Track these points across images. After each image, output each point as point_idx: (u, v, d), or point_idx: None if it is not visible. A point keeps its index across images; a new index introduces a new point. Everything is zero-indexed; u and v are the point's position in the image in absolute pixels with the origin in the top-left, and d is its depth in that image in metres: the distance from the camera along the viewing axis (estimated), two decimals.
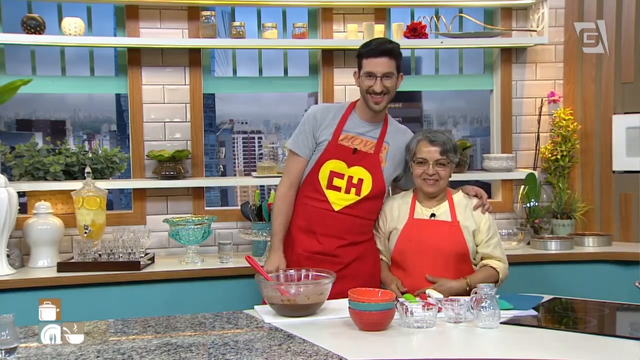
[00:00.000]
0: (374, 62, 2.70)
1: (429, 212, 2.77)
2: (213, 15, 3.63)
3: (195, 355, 1.89)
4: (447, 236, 2.71)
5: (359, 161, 2.78)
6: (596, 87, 3.90)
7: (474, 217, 2.76)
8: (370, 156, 2.79)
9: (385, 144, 2.83)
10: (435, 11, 3.96)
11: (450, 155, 2.72)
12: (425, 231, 2.73)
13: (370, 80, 2.72)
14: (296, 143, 2.84)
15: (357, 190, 2.77)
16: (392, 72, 2.72)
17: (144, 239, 3.41)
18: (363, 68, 2.74)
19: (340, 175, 2.77)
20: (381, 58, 2.70)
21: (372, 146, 2.81)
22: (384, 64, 2.70)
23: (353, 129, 2.81)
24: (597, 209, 3.92)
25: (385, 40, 2.84)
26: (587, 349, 1.98)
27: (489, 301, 2.16)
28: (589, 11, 3.90)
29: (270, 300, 2.31)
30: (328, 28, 3.83)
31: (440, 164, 2.71)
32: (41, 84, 3.65)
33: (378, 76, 2.70)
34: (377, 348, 1.97)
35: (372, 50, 2.72)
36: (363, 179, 2.77)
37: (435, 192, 2.76)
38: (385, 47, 2.72)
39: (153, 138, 3.72)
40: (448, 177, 2.76)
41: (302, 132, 2.83)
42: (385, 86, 2.71)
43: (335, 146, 2.78)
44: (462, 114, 8.99)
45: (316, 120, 2.82)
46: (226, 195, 7.47)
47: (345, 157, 2.77)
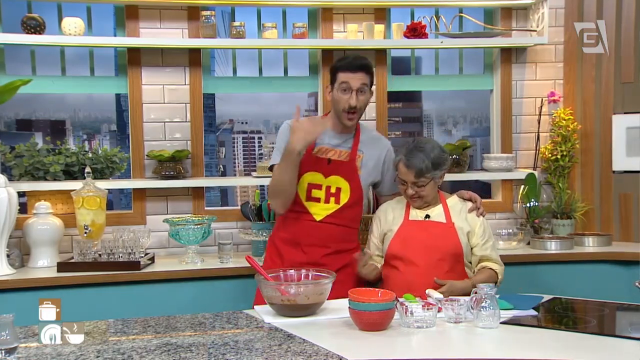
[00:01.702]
0: (351, 76, 2.74)
1: (424, 213, 2.80)
2: (213, 15, 3.63)
3: (195, 355, 1.89)
4: (442, 236, 2.73)
5: (335, 170, 2.81)
6: (596, 87, 3.90)
7: (468, 220, 2.78)
8: (346, 164, 2.83)
9: (359, 152, 2.87)
10: (435, 11, 3.96)
11: (427, 175, 2.72)
12: (421, 231, 2.75)
13: (346, 93, 2.75)
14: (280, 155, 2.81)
15: (336, 199, 2.81)
16: (367, 86, 2.78)
17: (144, 239, 3.41)
18: (338, 81, 2.76)
19: (318, 186, 2.81)
20: (358, 73, 2.75)
21: (347, 155, 2.84)
22: (359, 78, 2.75)
23: (326, 142, 2.84)
24: (597, 209, 3.92)
25: (361, 56, 2.88)
26: (587, 349, 1.98)
27: (489, 301, 2.16)
28: (589, 11, 3.90)
29: (270, 300, 2.31)
30: (328, 28, 3.83)
31: (419, 185, 2.74)
32: (41, 84, 3.65)
33: (354, 89, 2.74)
34: (377, 348, 1.97)
35: (349, 64, 2.76)
36: (341, 187, 2.81)
37: (420, 205, 2.80)
38: (362, 62, 2.78)
39: (153, 138, 3.72)
40: (432, 189, 2.77)
41: (282, 144, 2.82)
42: (359, 100, 2.75)
43: (310, 158, 2.79)
44: (462, 114, 9.00)
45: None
46: (226, 195, 7.47)
47: (321, 168, 2.81)
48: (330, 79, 2.83)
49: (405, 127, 14.46)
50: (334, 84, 2.79)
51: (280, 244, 2.86)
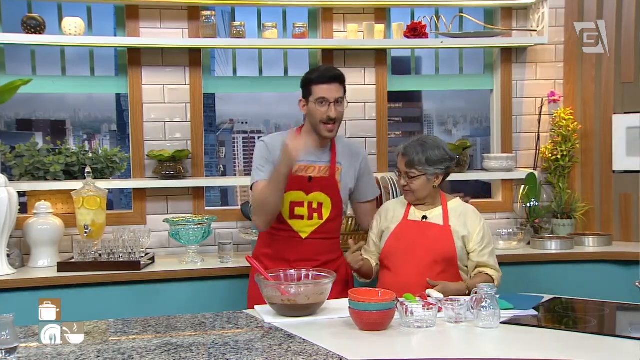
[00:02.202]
0: (326, 88, 2.74)
1: (422, 214, 2.80)
2: (213, 15, 3.63)
3: (196, 355, 1.89)
4: (437, 239, 2.73)
5: (316, 187, 2.81)
6: (596, 87, 3.90)
7: (467, 225, 2.77)
8: (326, 179, 2.84)
9: (338, 165, 2.87)
10: (436, 11, 3.96)
11: (418, 168, 2.73)
12: (416, 232, 2.76)
13: (323, 106, 2.74)
14: (261, 173, 2.79)
15: (319, 214, 2.83)
16: (342, 97, 2.78)
17: (144, 238, 3.41)
18: (314, 94, 2.75)
19: (300, 203, 2.81)
20: (333, 84, 2.75)
21: (327, 170, 2.85)
22: (335, 89, 2.75)
23: (304, 158, 2.80)
24: (597, 209, 3.92)
25: (331, 67, 2.89)
26: (587, 348, 1.98)
27: (489, 301, 2.16)
28: (589, 11, 3.90)
29: (271, 300, 2.31)
30: (328, 28, 3.83)
31: (410, 176, 2.75)
32: (41, 83, 3.65)
33: (331, 102, 2.74)
34: (377, 348, 1.97)
35: (323, 76, 2.75)
36: (322, 202, 2.83)
37: (412, 201, 2.81)
38: (334, 73, 2.78)
39: (153, 138, 3.72)
40: (424, 186, 2.76)
41: (262, 162, 2.81)
42: (337, 112, 2.75)
43: (291, 177, 2.74)
44: (462, 114, 9.01)
45: (268, 148, 2.83)
46: (226, 195, 7.48)
47: (302, 187, 2.81)
48: (303, 93, 2.81)
49: (405, 127, 14.45)
50: (309, 97, 2.77)
51: (267, 261, 2.84)
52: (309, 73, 2.83)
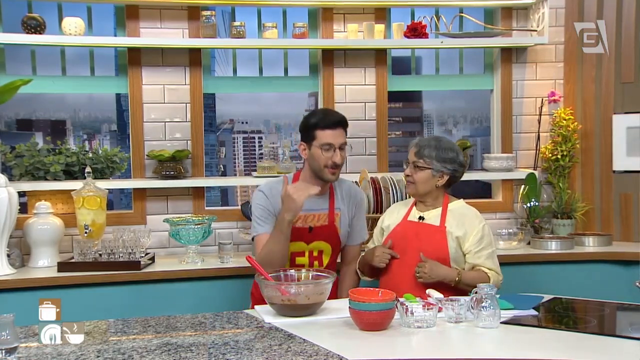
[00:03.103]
0: (331, 134, 2.72)
1: (419, 214, 2.81)
2: (213, 15, 3.63)
3: (196, 355, 1.89)
4: (430, 239, 2.73)
5: (317, 236, 2.80)
6: (596, 87, 3.90)
7: (464, 226, 2.75)
8: (327, 227, 2.82)
9: (336, 211, 2.86)
10: (436, 11, 3.96)
11: (426, 160, 2.74)
12: (411, 232, 2.77)
13: (328, 152, 2.71)
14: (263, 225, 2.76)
15: (319, 261, 2.83)
16: (346, 142, 2.77)
17: (144, 238, 3.41)
18: (318, 139, 2.72)
19: (301, 253, 2.81)
20: (337, 129, 2.73)
21: (326, 218, 2.83)
22: (340, 135, 2.74)
23: (304, 207, 2.72)
24: (597, 208, 3.92)
25: (334, 110, 2.87)
26: (587, 348, 1.98)
27: (489, 301, 2.16)
28: (589, 11, 3.90)
29: (271, 300, 2.31)
30: (328, 28, 3.83)
31: (415, 166, 2.76)
32: (41, 83, 3.65)
33: (337, 147, 2.72)
34: (377, 348, 1.97)
35: (328, 121, 2.73)
36: (323, 250, 2.83)
37: (413, 194, 2.83)
38: (339, 117, 2.76)
39: (153, 138, 3.72)
40: (424, 182, 2.76)
41: (262, 213, 2.78)
42: (342, 157, 2.75)
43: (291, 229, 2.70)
44: (462, 114, 9.01)
45: (268, 199, 2.79)
46: (226, 195, 7.47)
47: (303, 237, 2.78)
48: (304, 136, 2.77)
49: (405, 127, 14.42)
50: (311, 141, 2.74)
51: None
52: (311, 117, 2.78)
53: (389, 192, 3.52)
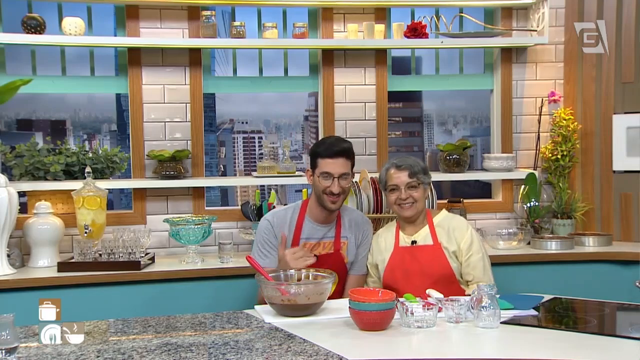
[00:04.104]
0: (331, 163, 2.72)
1: (410, 239, 2.81)
2: (213, 15, 3.63)
3: (196, 355, 1.89)
4: (430, 260, 2.74)
5: (323, 264, 2.76)
6: (596, 86, 3.90)
7: (455, 238, 2.78)
8: (333, 256, 2.83)
9: (343, 239, 2.86)
10: (436, 11, 3.96)
11: (420, 176, 2.77)
12: (409, 258, 2.77)
13: (327, 180, 2.72)
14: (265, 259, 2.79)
15: None
16: (348, 172, 2.75)
17: (144, 238, 3.41)
18: (319, 168, 2.74)
19: None
20: (338, 159, 2.72)
21: (332, 246, 2.84)
22: (341, 165, 2.73)
23: (310, 236, 2.82)
24: (597, 208, 3.92)
25: (340, 139, 2.84)
26: (587, 348, 1.98)
27: (489, 301, 2.16)
28: (589, 11, 3.90)
29: (271, 300, 2.31)
30: (328, 28, 3.83)
31: (412, 186, 2.76)
32: (41, 83, 3.65)
33: (335, 177, 2.72)
34: (377, 348, 1.97)
35: (328, 150, 2.73)
36: None
37: (414, 215, 2.80)
38: (341, 147, 2.74)
39: (153, 138, 3.72)
40: (424, 198, 2.81)
41: (264, 245, 2.82)
42: (341, 187, 2.73)
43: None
44: (462, 114, 9.01)
45: (273, 230, 2.82)
46: (226, 195, 7.47)
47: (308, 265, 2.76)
48: (311, 163, 2.80)
49: (405, 127, 14.42)
50: (314, 169, 2.77)
51: None
52: (317, 145, 2.81)
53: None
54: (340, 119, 3.85)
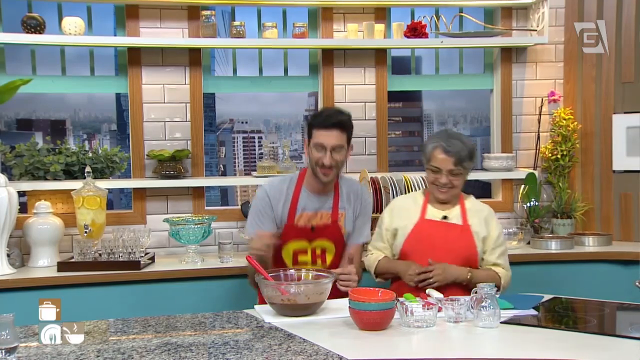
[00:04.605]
0: (324, 134, 2.66)
1: (441, 213, 2.75)
2: (213, 14, 3.63)
3: (196, 355, 1.89)
4: (458, 239, 2.70)
5: (320, 234, 2.77)
6: (596, 86, 3.90)
7: (486, 225, 2.75)
8: (330, 227, 2.79)
9: (341, 211, 2.82)
10: (436, 11, 3.96)
11: (465, 164, 2.69)
12: (437, 232, 2.71)
13: (320, 152, 2.67)
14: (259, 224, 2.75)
15: (322, 259, 2.80)
16: (342, 145, 2.68)
17: (144, 238, 3.41)
18: (313, 138, 2.69)
19: (303, 251, 2.78)
20: (332, 131, 2.66)
21: (329, 217, 2.79)
22: (334, 136, 2.66)
23: (307, 206, 2.77)
24: (597, 208, 3.92)
25: (336, 111, 2.76)
26: (587, 348, 1.98)
27: (489, 301, 2.16)
28: (589, 11, 3.90)
29: (271, 300, 2.31)
30: (328, 28, 3.83)
31: (454, 174, 2.69)
32: (41, 83, 3.65)
33: (328, 149, 2.66)
34: (377, 348, 1.97)
35: (323, 121, 2.67)
36: (326, 248, 2.80)
37: (447, 199, 2.75)
38: (337, 119, 2.68)
39: (153, 137, 3.72)
40: (462, 185, 2.75)
41: (258, 214, 2.77)
42: (334, 159, 2.67)
43: (293, 228, 2.75)
44: (462, 114, 9.02)
45: (269, 199, 2.77)
46: (226, 195, 7.48)
47: (305, 235, 2.77)
48: (307, 133, 2.76)
49: (405, 126, 14.40)
50: (309, 139, 2.72)
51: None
52: (314, 115, 2.77)
53: (388, 191, 3.52)
54: None
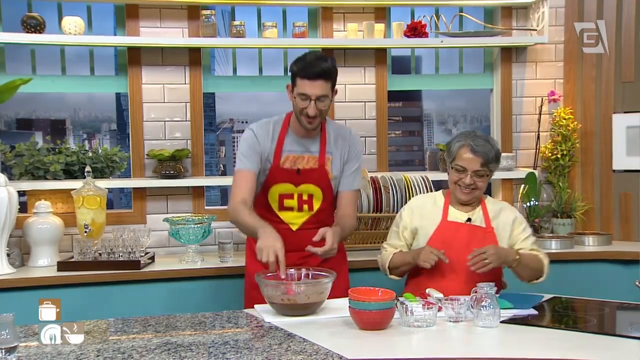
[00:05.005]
0: (308, 85, 2.58)
1: (465, 215, 2.68)
2: (213, 14, 3.63)
3: (196, 355, 1.89)
4: (482, 242, 2.61)
5: (305, 179, 2.71)
6: (596, 86, 3.90)
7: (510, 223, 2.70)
8: (317, 171, 2.73)
9: (327, 155, 2.75)
10: (436, 10, 3.96)
11: (491, 165, 2.63)
12: (461, 235, 2.64)
13: (304, 102, 2.60)
14: (246, 161, 2.70)
15: (309, 206, 2.74)
16: (326, 94, 2.61)
17: (144, 238, 3.41)
18: (297, 87, 2.62)
19: (289, 195, 2.73)
20: (316, 81, 2.57)
21: (315, 161, 2.73)
22: (318, 86, 2.58)
23: (292, 148, 2.72)
24: (597, 208, 3.92)
25: (320, 57, 2.63)
26: (587, 347, 1.97)
27: (489, 300, 2.16)
28: (589, 11, 3.90)
29: (271, 299, 2.31)
30: (328, 27, 3.83)
31: (479, 175, 2.62)
32: (41, 83, 3.65)
33: (312, 99, 2.58)
34: (377, 347, 1.97)
35: (307, 71, 2.58)
36: (313, 194, 2.73)
37: (469, 200, 2.68)
38: (320, 68, 2.57)
39: (153, 137, 3.72)
40: (485, 187, 2.68)
41: (248, 150, 2.72)
42: (318, 109, 2.60)
43: (279, 170, 2.70)
44: (462, 113, 9.02)
45: (256, 137, 2.73)
46: (226, 195, 7.48)
47: (291, 179, 2.71)
48: (291, 80, 2.67)
49: (405, 126, 14.40)
50: (293, 87, 2.64)
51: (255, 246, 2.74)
52: (296, 61, 2.65)
53: (388, 191, 3.52)
54: (340, 119, 3.85)
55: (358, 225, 3.35)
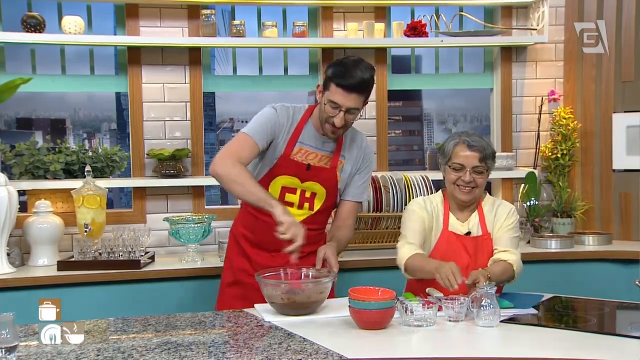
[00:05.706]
0: (342, 95, 2.46)
1: (464, 228, 2.63)
2: (213, 13, 3.63)
3: (196, 354, 1.89)
4: (482, 251, 2.59)
5: (313, 176, 2.62)
6: (596, 85, 3.90)
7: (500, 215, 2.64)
8: (327, 171, 2.64)
9: (341, 158, 2.67)
10: (436, 10, 3.96)
11: (488, 162, 2.58)
12: (461, 248, 2.59)
13: (333, 110, 2.49)
14: (255, 132, 2.56)
15: (310, 205, 2.65)
16: (358, 107, 2.51)
17: (144, 237, 3.41)
18: (329, 93, 2.49)
19: (292, 190, 2.63)
20: (352, 93, 2.46)
21: (328, 161, 2.64)
22: (352, 99, 2.47)
23: (307, 142, 2.62)
24: (597, 207, 3.92)
25: (360, 65, 2.49)
26: (587, 347, 1.98)
27: (488, 300, 2.16)
28: (589, 11, 3.90)
29: (270, 298, 2.31)
30: (328, 27, 3.83)
31: (478, 171, 2.56)
32: (41, 82, 3.65)
33: (342, 110, 2.48)
34: (377, 347, 1.97)
35: (344, 79, 2.45)
36: (316, 192, 2.65)
37: (470, 200, 2.62)
38: (359, 80, 2.45)
39: (153, 137, 3.72)
40: (484, 186, 2.63)
41: (262, 125, 2.58)
42: (346, 120, 2.51)
43: (288, 161, 2.60)
44: (462, 113, 9.02)
45: (278, 116, 2.60)
46: (226, 194, 7.47)
47: (298, 173, 2.61)
48: (324, 82, 2.55)
49: (405, 125, 14.38)
50: (325, 90, 2.52)
51: (246, 245, 2.73)
52: (334, 65, 2.52)
53: (388, 191, 3.52)
54: None
55: (358, 225, 3.35)
